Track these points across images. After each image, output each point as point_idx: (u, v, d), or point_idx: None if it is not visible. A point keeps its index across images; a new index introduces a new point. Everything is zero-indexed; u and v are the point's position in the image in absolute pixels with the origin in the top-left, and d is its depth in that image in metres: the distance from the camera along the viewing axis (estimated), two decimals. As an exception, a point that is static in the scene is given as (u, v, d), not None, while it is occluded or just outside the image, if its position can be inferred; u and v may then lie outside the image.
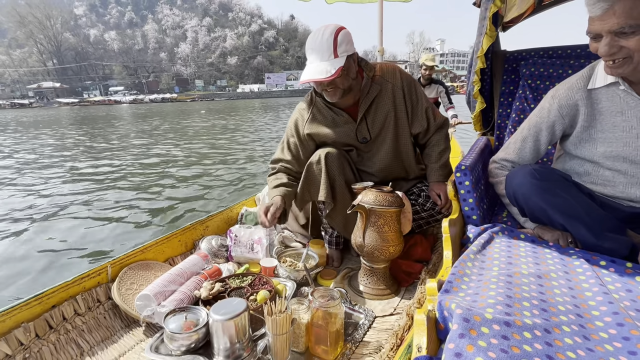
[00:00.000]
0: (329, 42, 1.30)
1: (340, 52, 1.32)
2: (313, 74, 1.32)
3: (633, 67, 0.98)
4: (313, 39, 1.34)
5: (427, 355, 0.68)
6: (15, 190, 5.34)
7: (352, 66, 1.38)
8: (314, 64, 1.34)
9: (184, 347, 1.08)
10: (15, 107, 51.47)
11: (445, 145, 1.59)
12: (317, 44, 1.32)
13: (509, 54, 2.03)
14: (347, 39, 1.34)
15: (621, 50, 0.96)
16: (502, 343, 0.63)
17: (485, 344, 0.62)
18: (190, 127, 15.24)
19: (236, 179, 5.72)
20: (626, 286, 0.88)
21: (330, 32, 1.31)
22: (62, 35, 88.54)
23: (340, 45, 1.31)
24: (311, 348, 1.12)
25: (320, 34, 1.32)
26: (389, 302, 1.38)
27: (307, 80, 1.34)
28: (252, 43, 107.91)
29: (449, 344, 0.63)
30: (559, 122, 1.22)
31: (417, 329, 0.71)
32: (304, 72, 1.37)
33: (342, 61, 1.32)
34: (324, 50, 1.31)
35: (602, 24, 0.95)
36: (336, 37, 1.31)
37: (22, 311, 1.13)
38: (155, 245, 1.58)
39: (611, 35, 0.95)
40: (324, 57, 1.31)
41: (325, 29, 1.33)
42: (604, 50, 0.98)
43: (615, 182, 1.14)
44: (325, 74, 1.29)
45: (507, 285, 0.82)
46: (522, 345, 0.63)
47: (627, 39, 0.94)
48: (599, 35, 0.98)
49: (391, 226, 1.33)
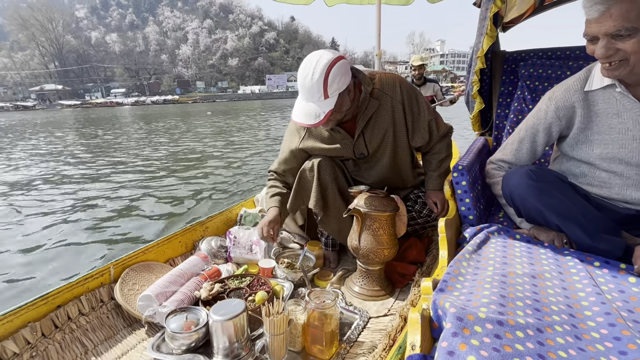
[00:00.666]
0: (319, 83, 1.20)
1: (331, 93, 1.22)
2: (303, 116, 1.26)
3: (629, 70, 0.99)
4: (303, 77, 1.23)
5: (421, 354, 0.69)
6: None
7: (346, 100, 1.29)
8: (303, 103, 1.28)
9: (184, 346, 1.11)
10: (20, 110, 51.63)
11: (446, 154, 1.56)
12: (307, 84, 1.22)
13: (509, 54, 2.03)
14: (339, 74, 1.22)
15: (617, 52, 0.97)
16: (494, 342, 0.63)
17: (478, 342, 0.63)
18: (206, 127, 15.51)
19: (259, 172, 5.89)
20: (619, 287, 0.89)
21: (321, 72, 1.19)
22: (63, 38, 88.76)
23: (331, 85, 1.21)
24: (307, 348, 1.14)
25: (310, 72, 1.21)
26: (383, 303, 1.40)
27: (298, 123, 1.29)
28: (252, 45, 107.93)
29: (442, 343, 0.64)
30: (555, 123, 1.23)
31: (412, 327, 0.72)
32: (295, 108, 1.31)
33: (332, 103, 1.24)
34: (314, 92, 1.22)
35: (598, 26, 0.96)
36: (326, 78, 1.20)
37: (28, 311, 1.17)
38: (156, 246, 1.60)
39: (607, 37, 0.96)
40: (314, 98, 1.23)
41: (316, 64, 1.21)
42: (601, 53, 0.99)
43: (611, 183, 1.15)
44: (314, 118, 1.24)
45: (501, 285, 0.83)
46: (514, 344, 0.64)
47: (624, 41, 0.94)
48: (595, 38, 0.99)
49: (386, 229, 1.35)
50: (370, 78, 1.41)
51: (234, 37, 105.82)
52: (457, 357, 0.61)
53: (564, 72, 1.74)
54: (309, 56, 1.25)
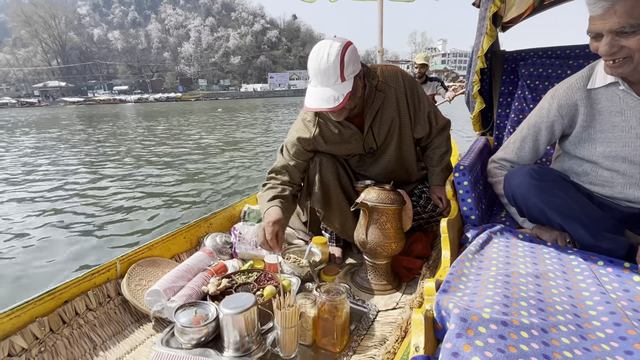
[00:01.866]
0: (335, 65, 1.15)
1: (348, 75, 1.18)
2: (319, 102, 1.20)
3: (633, 67, 0.98)
4: (317, 60, 1.18)
5: (425, 355, 0.68)
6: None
7: (359, 85, 1.26)
8: (318, 88, 1.21)
9: (194, 340, 1.11)
10: (25, 106, 51.72)
11: (446, 148, 1.56)
12: (323, 67, 1.16)
13: (508, 54, 2.02)
14: (354, 57, 1.20)
15: (621, 49, 0.95)
16: (499, 342, 0.63)
17: (482, 343, 0.62)
18: (226, 123, 15.84)
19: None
20: (623, 286, 0.88)
21: (337, 53, 1.16)
22: (66, 35, 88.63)
23: (347, 66, 1.17)
24: (318, 341, 1.14)
25: (325, 54, 1.16)
26: (391, 296, 1.40)
27: (314, 109, 1.23)
28: (254, 43, 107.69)
29: (446, 344, 0.63)
30: (558, 122, 1.21)
31: (415, 329, 0.71)
32: (309, 95, 1.24)
33: (349, 85, 1.19)
34: (330, 75, 1.17)
35: (602, 23, 0.94)
36: (343, 59, 1.16)
37: (36, 306, 1.15)
38: (161, 242, 1.60)
39: (612, 34, 0.94)
40: (330, 81, 1.18)
41: (330, 47, 1.17)
42: (605, 50, 0.97)
43: (614, 182, 1.14)
44: (333, 102, 1.18)
45: (504, 285, 0.82)
46: (519, 345, 0.63)
47: (628, 38, 0.93)
48: (599, 35, 0.98)
49: (393, 223, 1.35)
50: (373, 72, 1.40)
51: (236, 35, 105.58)
52: (461, 358, 0.60)
53: (565, 71, 1.73)
54: (318, 44, 1.22)
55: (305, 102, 1.25)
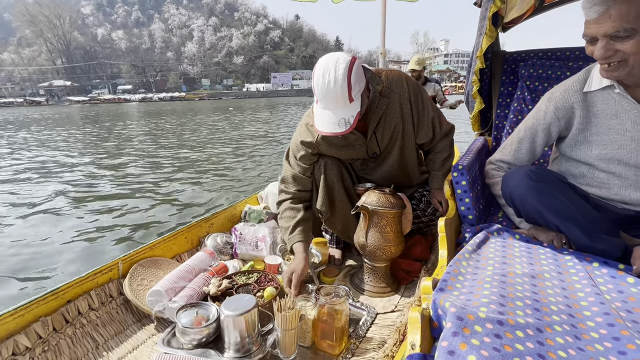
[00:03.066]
0: (342, 88, 1.12)
1: (355, 94, 1.15)
2: (331, 126, 1.18)
3: (628, 71, 0.98)
4: (323, 85, 1.14)
5: (421, 353, 0.68)
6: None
7: (365, 99, 1.24)
8: (327, 111, 1.19)
9: (195, 341, 1.11)
10: (33, 105, 52.22)
11: (449, 152, 1.55)
12: (331, 93, 1.13)
13: (509, 54, 2.02)
14: (359, 75, 1.17)
15: (616, 53, 0.96)
16: (494, 342, 0.63)
17: (478, 342, 0.62)
18: (245, 120, 16.16)
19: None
20: (618, 287, 0.88)
21: (343, 76, 1.12)
22: (71, 35, 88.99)
23: (354, 87, 1.14)
24: (317, 343, 1.14)
25: (332, 79, 1.12)
26: (389, 299, 1.40)
27: (327, 134, 1.21)
28: (257, 43, 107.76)
29: (442, 342, 0.64)
30: (554, 124, 1.22)
31: (411, 327, 0.71)
32: (318, 117, 1.22)
33: (358, 104, 1.17)
34: (338, 99, 1.14)
35: (597, 27, 0.95)
36: (349, 80, 1.12)
37: (39, 306, 1.16)
38: (162, 242, 1.60)
39: (607, 38, 0.95)
40: (339, 105, 1.16)
41: (335, 71, 1.12)
42: (600, 54, 0.98)
43: (610, 184, 1.14)
44: (344, 125, 1.16)
45: (501, 285, 0.83)
46: (515, 344, 0.64)
47: (623, 42, 0.94)
48: (594, 39, 0.98)
49: (393, 227, 1.35)
50: (377, 76, 1.37)
51: (239, 35, 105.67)
52: (457, 357, 0.60)
53: (564, 72, 1.73)
54: (322, 62, 1.17)
55: (316, 125, 1.24)
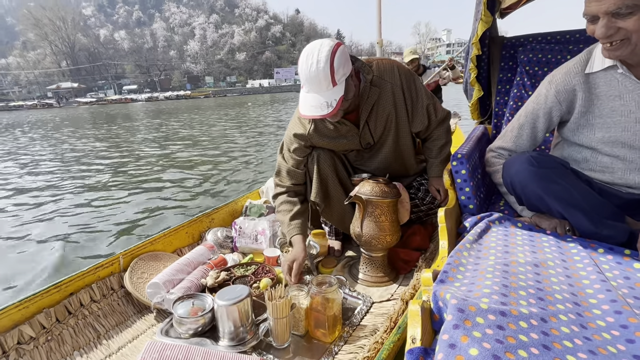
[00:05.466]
0: (325, 71, 1.12)
1: (339, 79, 1.15)
2: (313, 109, 1.18)
3: (631, 49, 0.94)
4: (307, 67, 1.14)
5: (422, 347, 0.66)
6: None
7: (351, 86, 1.23)
8: (310, 94, 1.19)
9: (191, 330, 1.14)
10: (45, 107, 53.53)
11: (446, 140, 1.51)
12: (313, 74, 1.13)
13: (507, 40, 1.97)
14: (343, 59, 1.16)
15: (619, 31, 0.92)
16: (497, 333, 0.61)
17: (480, 334, 0.60)
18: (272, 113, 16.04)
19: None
20: (624, 273, 0.85)
21: (325, 59, 1.12)
22: (74, 37, 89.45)
23: (337, 70, 1.14)
24: (311, 331, 1.16)
25: (315, 61, 1.13)
26: (387, 289, 1.39)
27: (308, 117, 1.21)
28: (259, 39, 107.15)
29: (443, 335, 0.62)
30: (556, 108, 1.17)
31: (412, 320, 0.69)
32: (302, 102, 1.23)
33: (341, 89, 1.17)
34: (321, 81, 1.14)
35: (598, 4, 0.91)
36: (332, 63, 1.13)
37: (43, 298, 1.20)
38: (163, 237, 1.62)
39: (608, 16, 0.91)
40: (321, 88, 1.16)
41: (318, 53, 1.13)
42: (601, 32, 0.94)
43: (614, 168, 1.10)
44: (326, 108, 1.16)
45: (503, 275, 0.80)
46: (518, 335, 0.61)
47: (625, 19, 0.90)
48: (595, 17, 0.94)
49: (388, 216, 1.34)
50: (368, 66, 1.35)
51: (240, 31, 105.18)
52: (458, 350, 0.58)
53: (564, 56, 1.68)
54: (307, 47, 1.18)
55: (300, 109, 1.24)
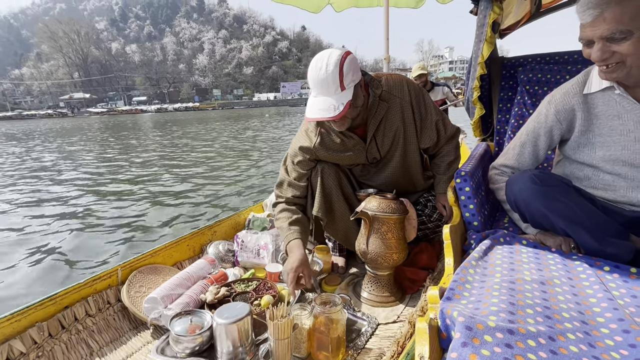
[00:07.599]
0: (334, 74, 1.12)
1: (347, 83, 1.15)
2: (320, 111, 1.17)
3: (626, 72, 0.96)
4: (316, 70, 1.15)
5: None
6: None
7: (360, 94, 1.22)
8: (318, 98, 1.18)
9: (188, 349, 1.06)
10: (60, 117, 55.18)
11: (455, 156, 1.49)
12: (322, 76, 1.13)
13: (507, 60, 1.99)
14: (353, 66, 1.16)
15: (613, 55, 0.94)
16: (505, 352, 0.60)
17: (489, 352, 0.60)
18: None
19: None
20: (631, 292, 0.84)
21: (335, 63, 1.13)
22: (88, 49, 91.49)
23: (346, 75, 1.14)
24: (313, 354, 1.08)
25: (324, 65, 1.14)
26: (392, 309, 1.33)
27: (314, 119, 1.19)
28: (266, 53, 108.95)
29: (451, 353, 0.61)
30: (556, 127, 1.19)
31: (419, 338, 0.68)
32: (309, 106, 1.21)
33: (349, 93, 1.16)
34: (330, 84, 1.14)
35: (593, 30, 0.94)
36: (342, 68, 1.13)
37: (36, 311, 1.14)
38: (164, 249, 1.57)
39: (603, 41, 0.93)
40: (330, 91, 1.15)
41: (328, 58, 1.15)
42: (597, 56, 0.96)
43: (616, 186, 1.10)
44: (333, 111, 1.14)
45: (510, 292, 0.79)
46: (527, 354, 0.60)
47: (619, 44, 0.92)
48: (591, 42, 0.97)
49: (394, 233, 1.28)
50: (377, 81, 1.34)
51: (248, 46, 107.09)
52: None
53: (563, 76, 1.70)
54: (317, 55, 1.19)
55: (306, 113, 1.22)
